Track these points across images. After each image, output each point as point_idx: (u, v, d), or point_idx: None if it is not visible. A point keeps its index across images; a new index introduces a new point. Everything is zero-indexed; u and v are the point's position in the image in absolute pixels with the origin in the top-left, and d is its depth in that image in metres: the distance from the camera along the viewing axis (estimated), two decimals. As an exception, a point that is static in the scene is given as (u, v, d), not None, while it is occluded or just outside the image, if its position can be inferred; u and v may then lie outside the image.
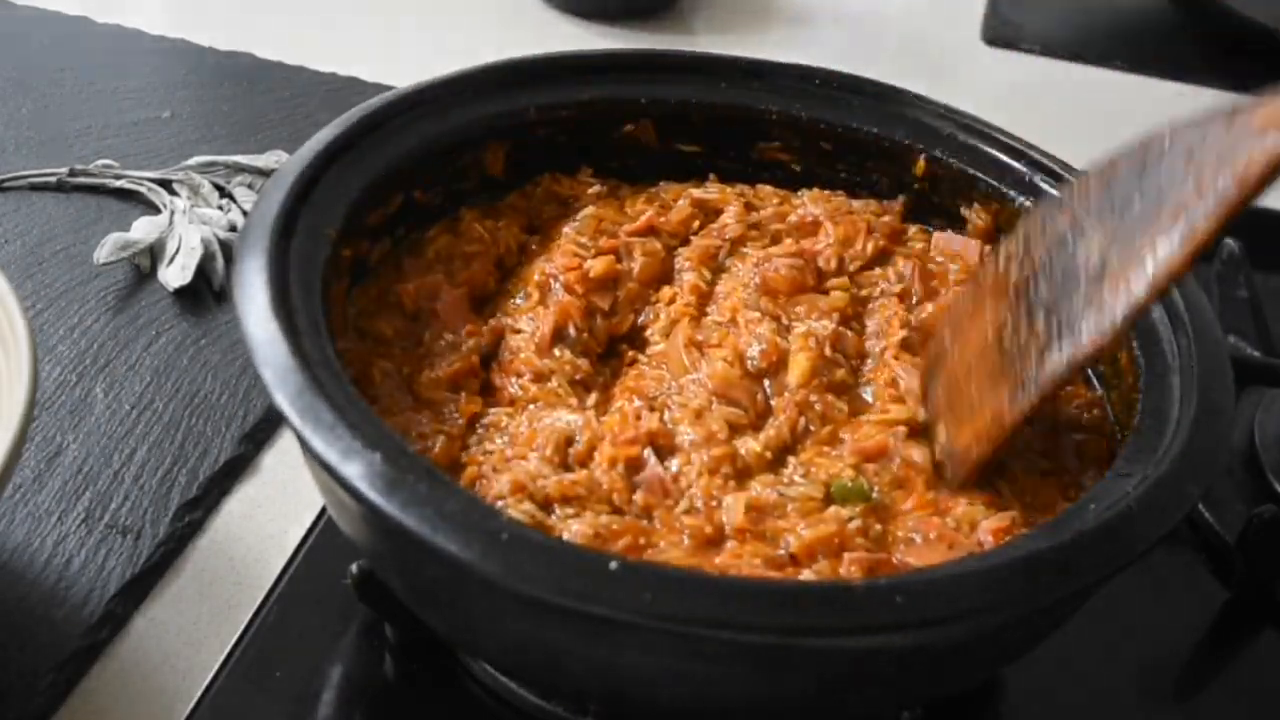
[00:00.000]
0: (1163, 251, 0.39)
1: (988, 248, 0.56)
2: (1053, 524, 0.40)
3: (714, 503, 0.44)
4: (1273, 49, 1.01)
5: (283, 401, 0.39)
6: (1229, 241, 0.76)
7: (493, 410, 0.48)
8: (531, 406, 0.48)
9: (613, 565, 0.35)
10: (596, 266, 0.52)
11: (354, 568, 0.49)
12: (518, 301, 0.52)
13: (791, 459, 0.46)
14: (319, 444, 0.38)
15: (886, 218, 0.58)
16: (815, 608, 0.35)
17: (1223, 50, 1.05)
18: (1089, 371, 0.52)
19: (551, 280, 0.52)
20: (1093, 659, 0.54)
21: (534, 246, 0.55)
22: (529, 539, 0.36)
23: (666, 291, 0.53)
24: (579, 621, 0.36)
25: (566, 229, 0.55)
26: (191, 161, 0.78)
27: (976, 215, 0.57)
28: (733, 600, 0.35)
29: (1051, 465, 0.48)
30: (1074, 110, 0.98)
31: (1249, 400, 0.65)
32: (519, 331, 0.51)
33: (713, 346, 0.50)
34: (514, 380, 0.49)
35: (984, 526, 0.44)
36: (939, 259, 0.56)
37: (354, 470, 0.37)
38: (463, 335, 0.51)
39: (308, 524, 0.57)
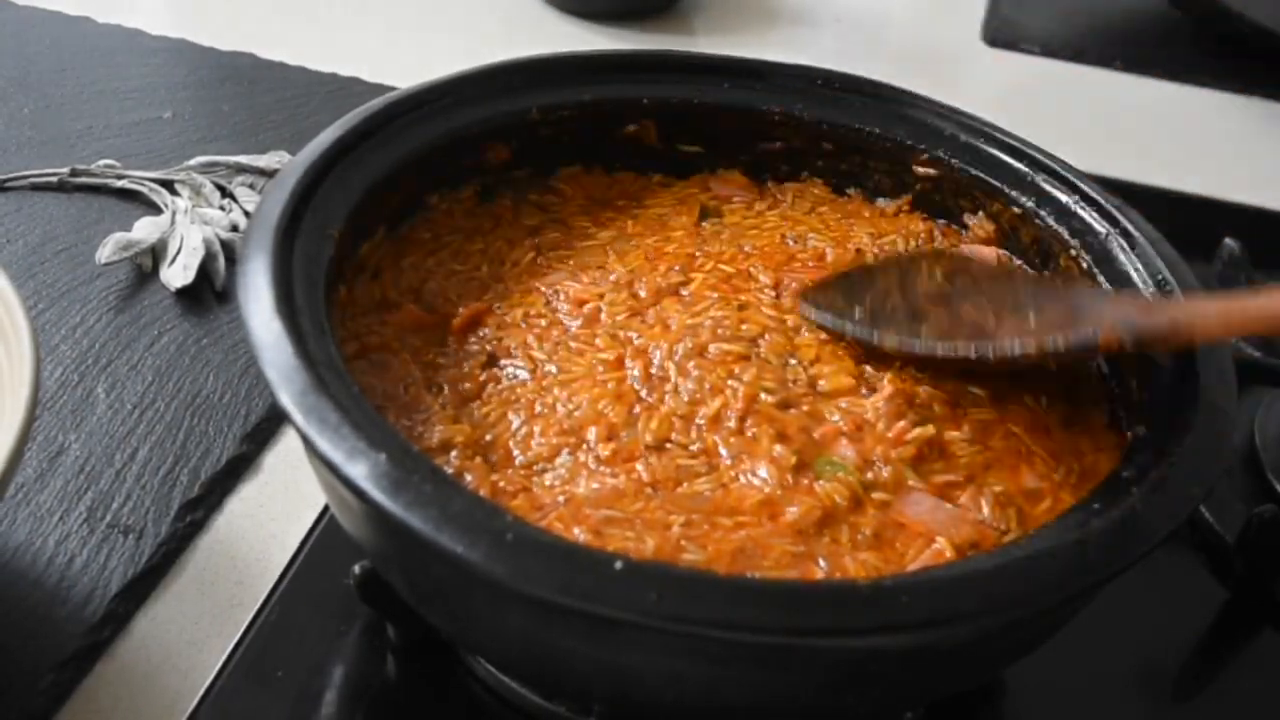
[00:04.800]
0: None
1: (1003, 253, 0.56)
2: (1057, 524, 0.40)
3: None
4: (1273, 49, 1.01)
5: (287, 402, 0.39)
6: (1229, 241, 0.76)
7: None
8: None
9: (618, 565, 0.35)
10: None
11: (356, 568, 0.50)
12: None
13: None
14: (324, 445, 0.38)
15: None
16: (822, 608, 0.35)
17: (1223, 50, 1.05)
18: (1094, 369, 0.52)
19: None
20: (1093, 659, 0.54)
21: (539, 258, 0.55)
22: (534, 539, 0.36)
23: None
24: (583, 621, 0.36)
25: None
26: (193, 162, 0.78)
27: (979, 219, 0.57)
28: (738, 600, 0.35)
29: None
30: (1074, 110, 0.98)
31: (1249, 400, 0.65)
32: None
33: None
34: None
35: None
36: None
37: (359, 471, 0.37)
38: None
39: (310, 523, 0.57)
